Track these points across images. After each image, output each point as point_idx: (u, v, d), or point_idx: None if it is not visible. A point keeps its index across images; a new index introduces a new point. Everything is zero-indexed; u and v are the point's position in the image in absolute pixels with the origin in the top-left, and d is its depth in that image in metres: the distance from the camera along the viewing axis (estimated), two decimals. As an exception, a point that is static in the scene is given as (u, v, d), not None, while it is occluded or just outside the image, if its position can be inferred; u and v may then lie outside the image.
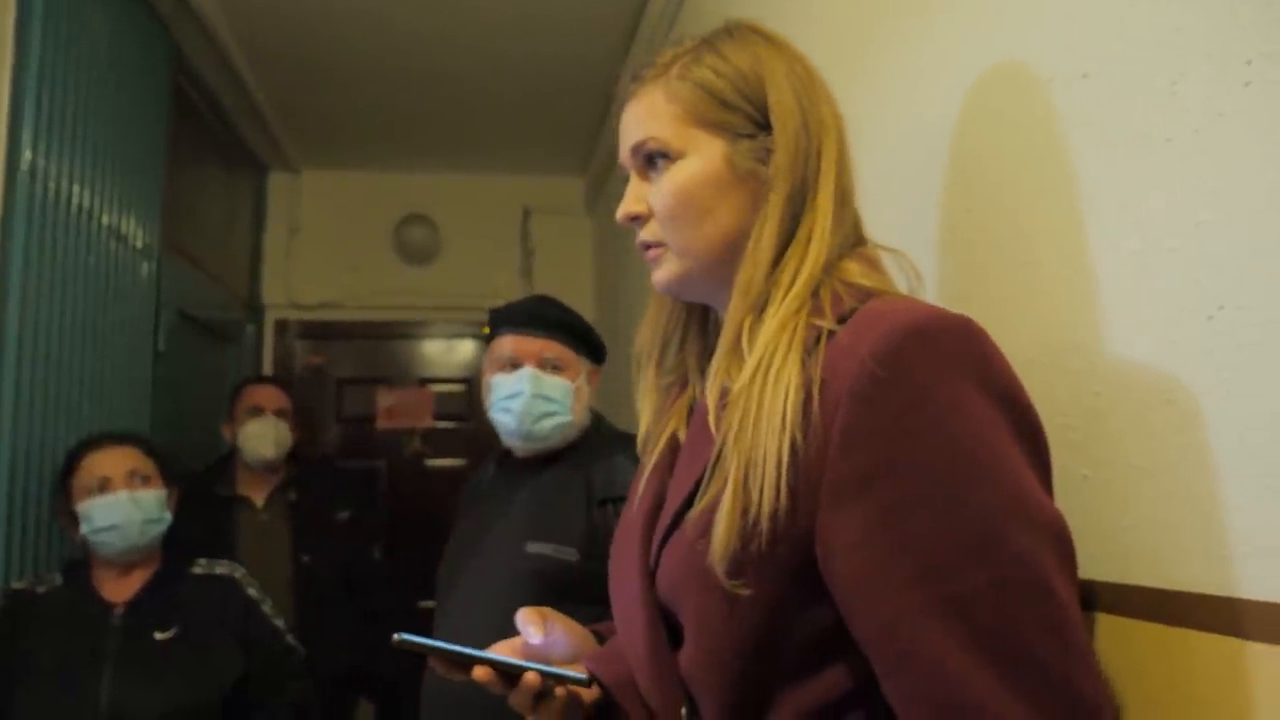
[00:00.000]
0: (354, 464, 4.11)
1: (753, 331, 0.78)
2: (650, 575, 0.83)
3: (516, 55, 3.18)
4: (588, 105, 3.57)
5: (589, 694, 0.88)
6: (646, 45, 2.93)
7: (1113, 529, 0.83)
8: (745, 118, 0.84)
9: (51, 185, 2.08)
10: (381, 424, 4.21)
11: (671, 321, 0.96)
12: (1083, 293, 0.88)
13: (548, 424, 1.67)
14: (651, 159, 0.87)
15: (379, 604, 2.73)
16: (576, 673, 0.86)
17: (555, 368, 1.69)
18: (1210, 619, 0.72)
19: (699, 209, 0.84)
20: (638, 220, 0.88)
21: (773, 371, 0.73)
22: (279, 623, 1.96)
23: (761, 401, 0.73)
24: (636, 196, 0.88)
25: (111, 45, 2.39)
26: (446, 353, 4.35)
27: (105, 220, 2.36)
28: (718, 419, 0.77)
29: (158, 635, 1.78)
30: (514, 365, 1.69)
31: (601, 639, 0.95)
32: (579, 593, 1.47)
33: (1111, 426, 0.83)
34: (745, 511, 0.71)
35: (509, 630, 0.96)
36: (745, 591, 0.72)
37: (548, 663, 0.88)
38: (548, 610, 0.93)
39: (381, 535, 2.87)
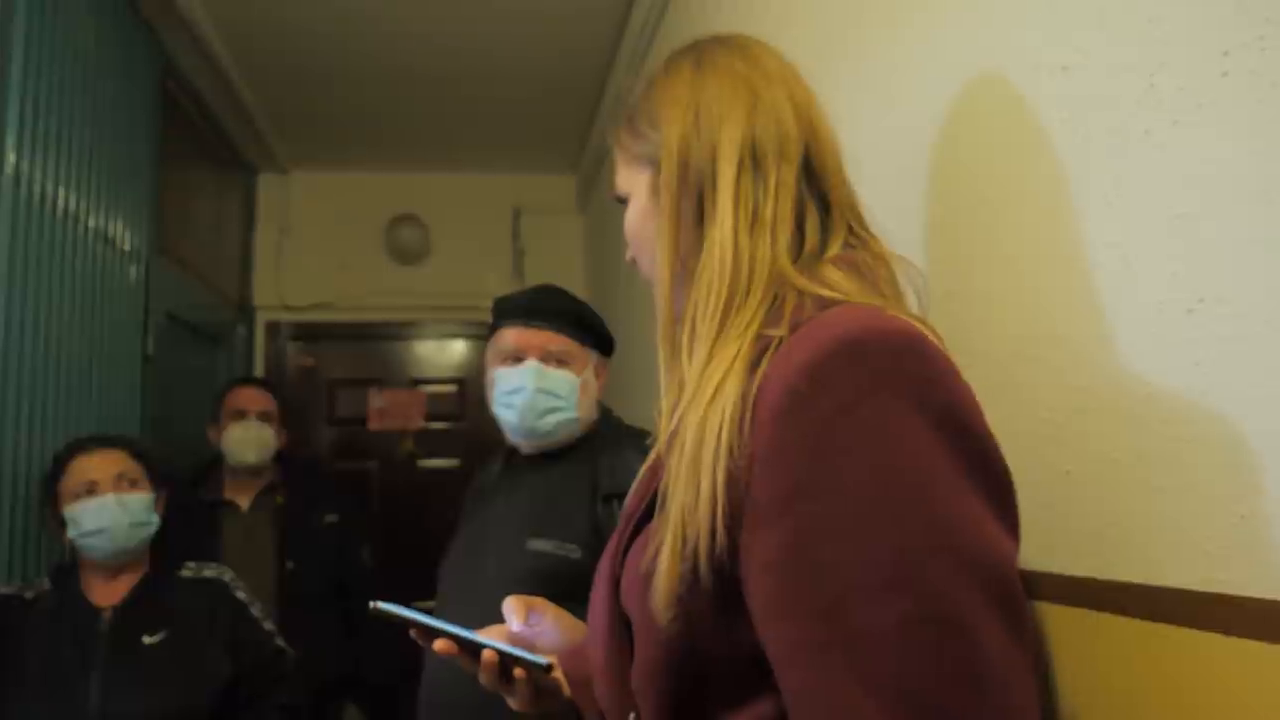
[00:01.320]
0: (346, 465, 4.10)
1: (690, 350, 0.77)
2: (616, 581, 0.81)
3: (506, 55, 3.17)
4: (577, 104, 3.56)
5: (549, 680, 0.90)
6: (634, 45, 2.93)
7: (1096, 524, 0.83)
8: (655, 146, 0.87)
9: (37, 189, 2.07)
10: (373, 425, 4.20)
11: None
12: (1064, 286, 0.87)
13: (552, 420, 1.62)
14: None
15: (369, 607, 2.71)
16: (540, 658, 0.88)
17: (560, 361, 1.64)
18: (1196, 615, 0.71)
19: (641, 243, 0.90)
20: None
21: (713, 387, 0.71)
22: (269, 626, 1.95)
23: (702, 432, 0.69)
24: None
25: (97, 47, 2.38)
26: (438, 353, 4.34)
27: (93, 224, 2.35)
28: (667, 446, 0.75)
29: (146, 639, 1.77)
30: (517, 359, 1.64)
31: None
32: (582, 590, 1.47)
33: (1093, 421, 0.83)
34: (684, 557, 0.68)
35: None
36: (679, 611, 0.69)
37: (533, 651, 0.89)
38: (535, 600, 0.94)
39: (371, 538, 2.85)
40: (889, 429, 0.63)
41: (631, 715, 0.78)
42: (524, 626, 0.92)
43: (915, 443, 0.63)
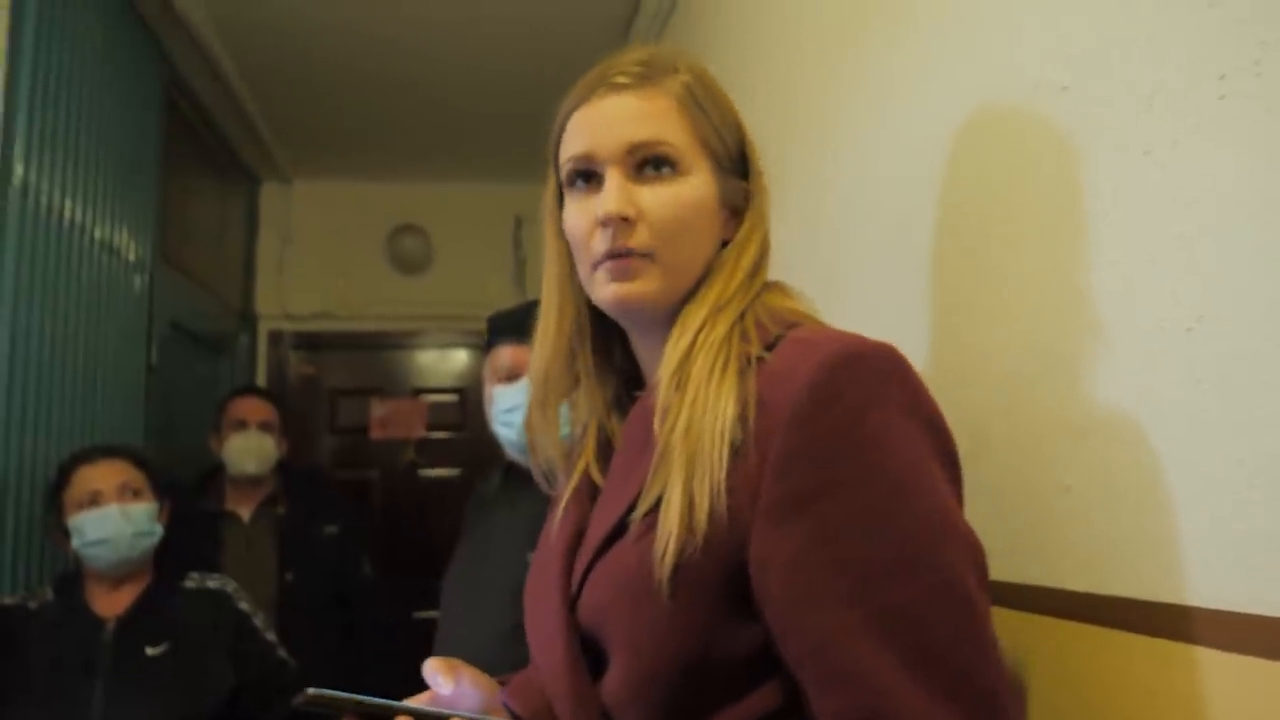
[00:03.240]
0: (347, 475, 4.11)
1: (702, 347, 0.80)
2: (571, 605, 0.81)
3: (507, 66, 3.19)
4: (579, 115, 3.57)
5: None
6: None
7: (1096, 540, 0.83)
8: (727, 152, 0.86)
9: (43, 200, 2.08)
10: (375, 434, 4.21)
11: (576, 351, 0.92)
12: (1064, 304, 0.88)
13: None
14: (652, 163, 0.82)
15: (369, 619, 2.71)
16: (493, 719, 0.85)
17: None
18: (1193, 631, 0.72)
19: (697, 229, 0.83)
20: (626, 223, 0.81)
21: (711, 387, 0.75)
22: (271, 637, 1.96)
23: (705, 410, 0.74)
24: (628, 197, 0.81)
25: (104, 59, 2.40)
26: (440, 363, 4.35)
27: (98, 234, 2.37)
28: (662, 427, 0.77)
29: (149, 650, 1.77)
30: (513, 377, 1.65)
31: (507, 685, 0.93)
32: None
33: (1093, 438, 0.84)
34: (691, 510, 0.71)
35: (510, 642, 0.96)
36: (677, 605, 0.71)
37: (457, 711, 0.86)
38: (456, 661, 0.90)
39: (371, 548, 2.86)
40: (891, 432, 0.70)
41: None
42: (452, 688, 0.86)
43: (912, 444, 0.71)
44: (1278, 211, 0.66)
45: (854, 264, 1.39)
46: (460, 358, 4.33)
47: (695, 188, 0.83)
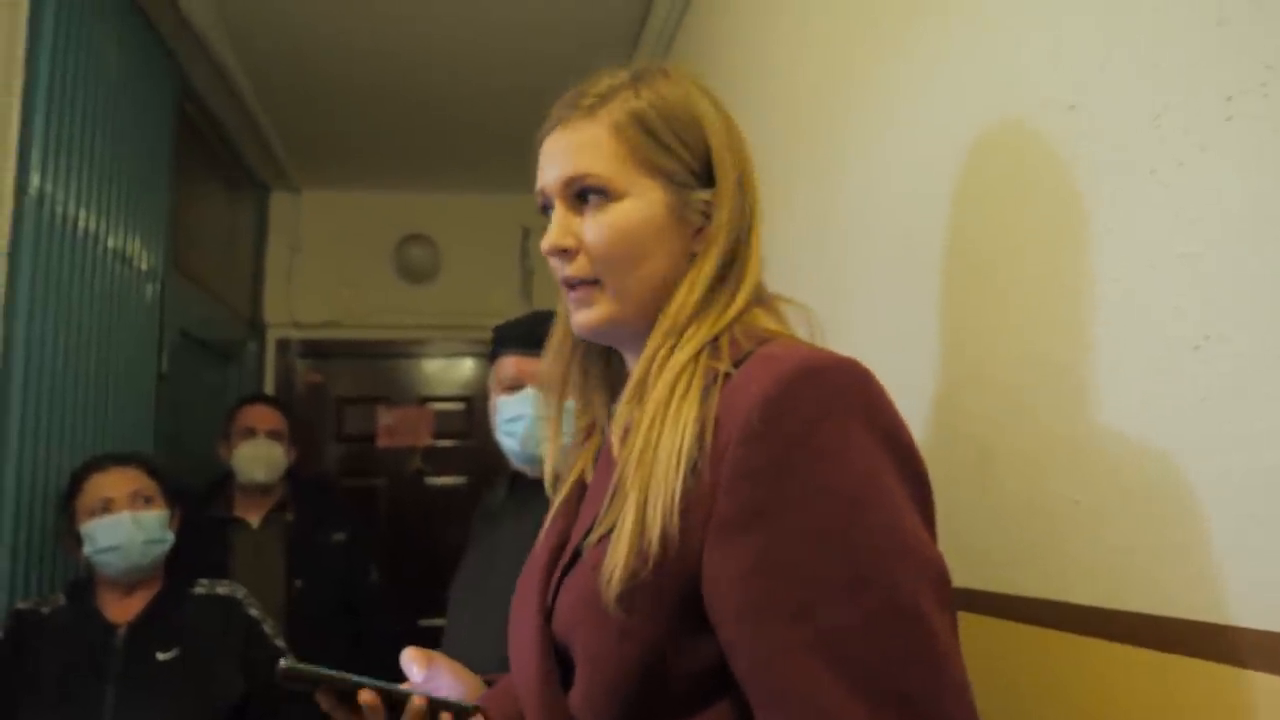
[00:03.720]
0: (354, 482, 4.12)
1: (659, 367, 0.80)
2: (547, 614, 0.82)
3: (515, 79, 3.21)
4: (587, 126, 3.59)
5: None
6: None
7: (1103, 553, 0.84)
8: (684, 165, 0.85)
9: (59, 209, 2.10)
10: (382, 442, 4.22)
11: (574, 361, 0.96)
12: (1072, 319, 0.90)
13: None
14: (583, 194, 0.85)
15: (376, 626, 2.72)
16: (464, 703, 0.87)
17: None
18: (1200, 645, 0.73)
19: (638, 252, 0.84)
20: (565, 255, 0.86)
21: (672, 409, 0.75)
22: (280, 643, 1.97)
23: (660, 436, 0.74)
24: (565, 229, 0.86)
25: (119, 71, 2.42)
26: (446, 371, 4.37)
27: (111, 243, 2.39)
28: (621, 450, 0.78)
29: (160, 656, 1.79)
30: (516, 387, 1.65)
31: (492, 685, 0.94)
32: None
33: (1100, 452, 0.85)
34: (641, 535, 0.71)
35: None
36: (630, 622, 0.72)
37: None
38: (433, 652, 0.93)
39: (378, 556, 2.87)
40: (846, 446, 0.69)
41: None
42: (425, 676, 0.90)
43: (868, 459, 0.70)
44: (1282, 231, 0.67)
45: (860, 277, 1.40)
46: (467, 367, 4.34)
47: (632, 210, 0.84)
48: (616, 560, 0.72)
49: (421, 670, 0.89)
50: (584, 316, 0.87)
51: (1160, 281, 0.79)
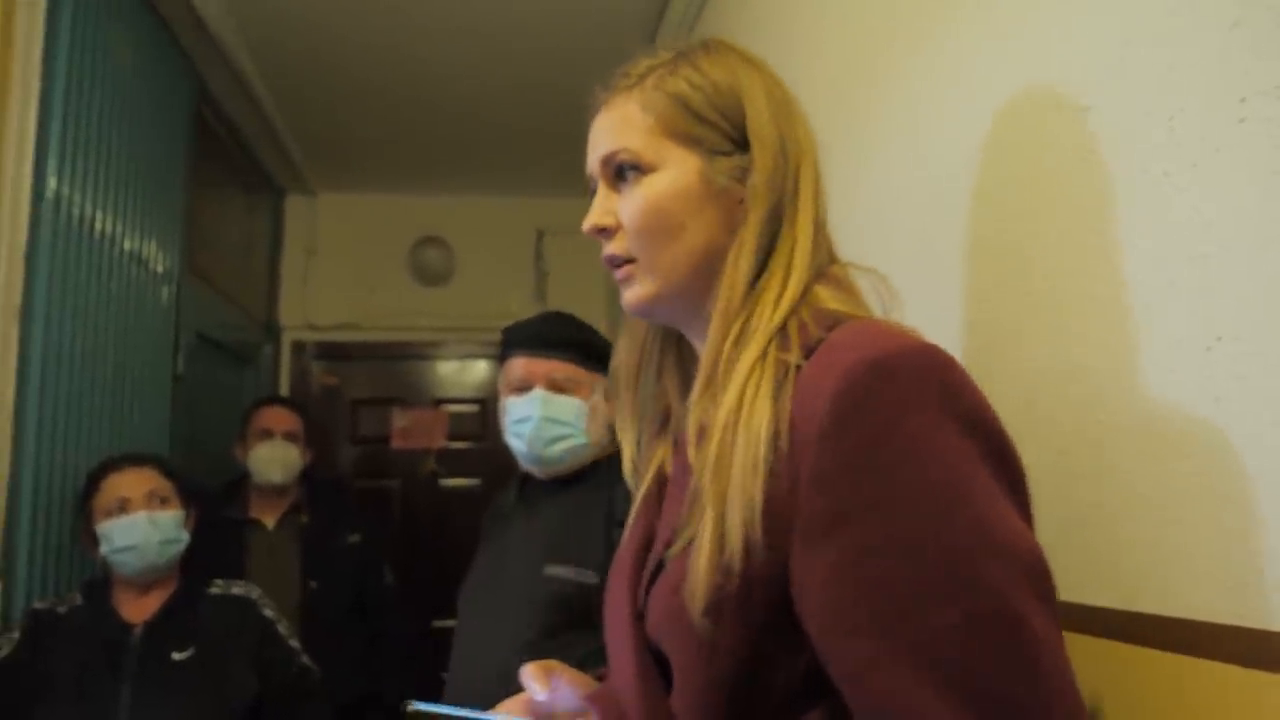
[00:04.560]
0: (368, 484, 4.14)
1: (729, 364, 0.77)
2: (639, 616, 0.81)
3: (530, 82, 3.22)
4: (601, 129, 3.60)
5: None
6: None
7: (1121, 555, 0.84)
8: (721, 134, 0.83)
9: (75, 212, 2.12)
10: (396, 444, 4.24)
11: (648, 346, 0.94)
12: (1085, 321, 0.89)
13: (559, 447, 1.64)
14: (621, 171, 0.85)
15: (389, 627, 2.74)
16: None
17: (567, 389, 1.65)
18: (1220, 648, 0.72)
19: (671, 224, 0.82)
20: (605, 233, 0.86)
21: (744, 410, 0.72)
22: (294, 643, 1.98)
23: (735, 441, 0.71)
24: (605, 209, 0.86)
25: (136, 75, 2.44)
26: (461, 373, 4.38)
27: (127, 245, 2.41)
28: (696, 454, 0.76)
29: (175, 655, 1.80)
30: (524, 387, 1.66)
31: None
32: (599, 616, 1.47)
33: (1115, 454, 0.85)
34: (722, 551, 0.69)
35: (527, 654, 0.96)
36: (720, 635, 0.70)
37: (553, 718, 0.87)
38: (552, 663, 0.90)
39: (392, 557, 2.88)
40: (927, 443, 0.66)
41: None
42: (548, 695, 0.88)
43: (951, 453, 0.66)
44: (1297, 233, 0.67)
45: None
46: (481, 369, 4.35)
47: (664, 181, 0.83)
48: (698, 577, 0.70)
49: (544, 690, 0.87)
50: (629, 295, 0.86)
51: (1173, 283, 0.78)
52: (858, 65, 1.48)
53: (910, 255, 1.27)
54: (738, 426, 0.72)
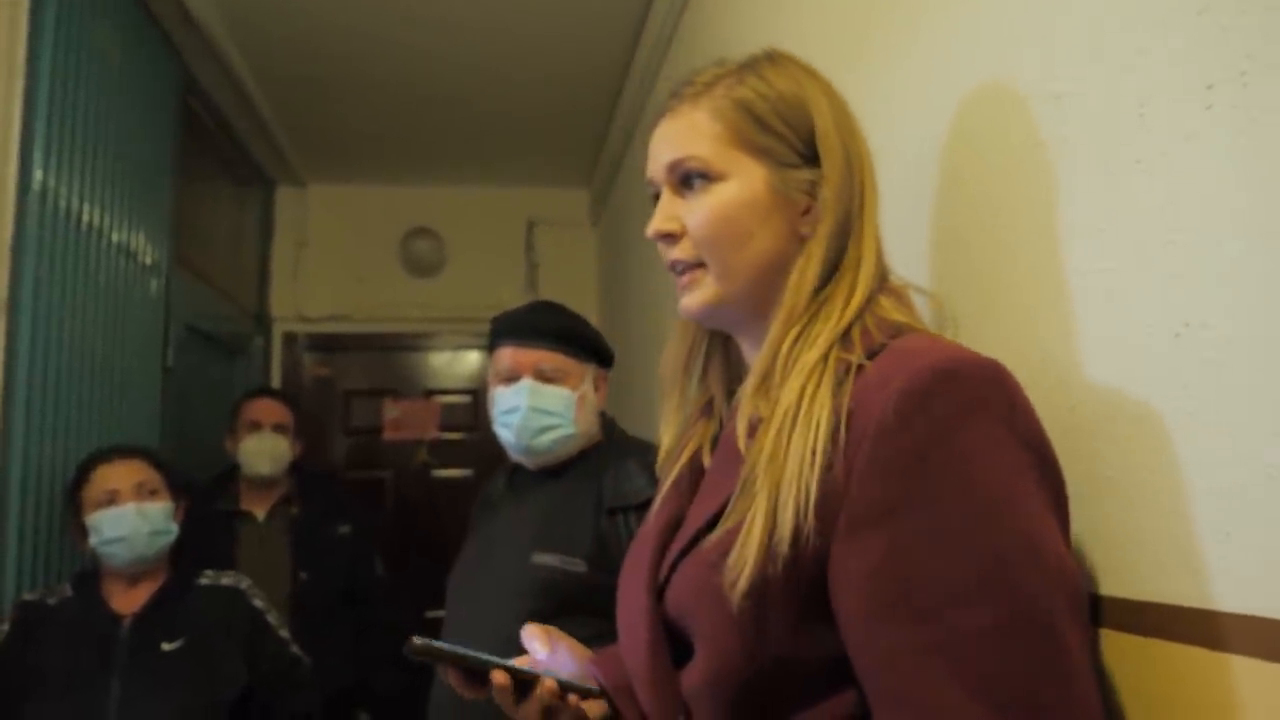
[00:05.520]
0: (360, 475, 4.15)
1: (790, 361, 0.79)
2: (658, 591, 0.83)
3: (519, 71, 3.22)
4: (591, 118, 3.61)
5: (597, 708, 0.89)
6: (646, 62, 2.97)
7: (1087, 541, 0.85)
8: (787, 145, 0.85)
9: (62, 204, 2.12)
10: (388, 435, 4.25)
11: (695, 349, 0.97)
12: (1055, 308, 0.90)
13: (547, 438, 1.64)
14: (688, 178, 0.87)
15: (380, 618, 2.75)
16: (589, 685, 0.88)
17: (555, 378, 1.65)
18: (1185, 630, 0.74)
19: (739, 233, 0.84)
20: (670, 239, 0.88)
21: (804, 403, 0.74)
22: (284, 633, 1.99)
23: (794, 431, 0.73)
24: (669, 214, 0.87)
25: (122, 66, 2.44)
26: (452, 364, 4.38)
27: (115, 238, 2.40)
28: (747, 445, 0.78)
29: (165, 646, 1.80)
30: (512, 378, 1.66)
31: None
32: (587, 604, 1.46)
33: (1086, 441, 0.85)
34: (771, 534, 0.71)
35: (515, 642, 0.97)
36: (757, 617, 0.72)
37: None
38: (553, 629, 0.93)
39: (385, 547, 2.89)
40: (984, 451, 0.69)
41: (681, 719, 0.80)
42: (548, 655, 0.91)
43: (1007, 464, 0.69)
44: (1263, 220, 0.67)
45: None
46: (472, 359, 4.36)
47: (732, 190, 0.85)
48: (746, 559, 0.72)
49: (544, 648, 0.90)
50: (690, 299, 0.87)
51: (1143, 269, 0.79)
52: (836, 60, 1.48)
53: (886, 242, 1.28)
54: (797, 418, 0.74)
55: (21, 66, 1.98)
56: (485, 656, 0.86)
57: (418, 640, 0.84)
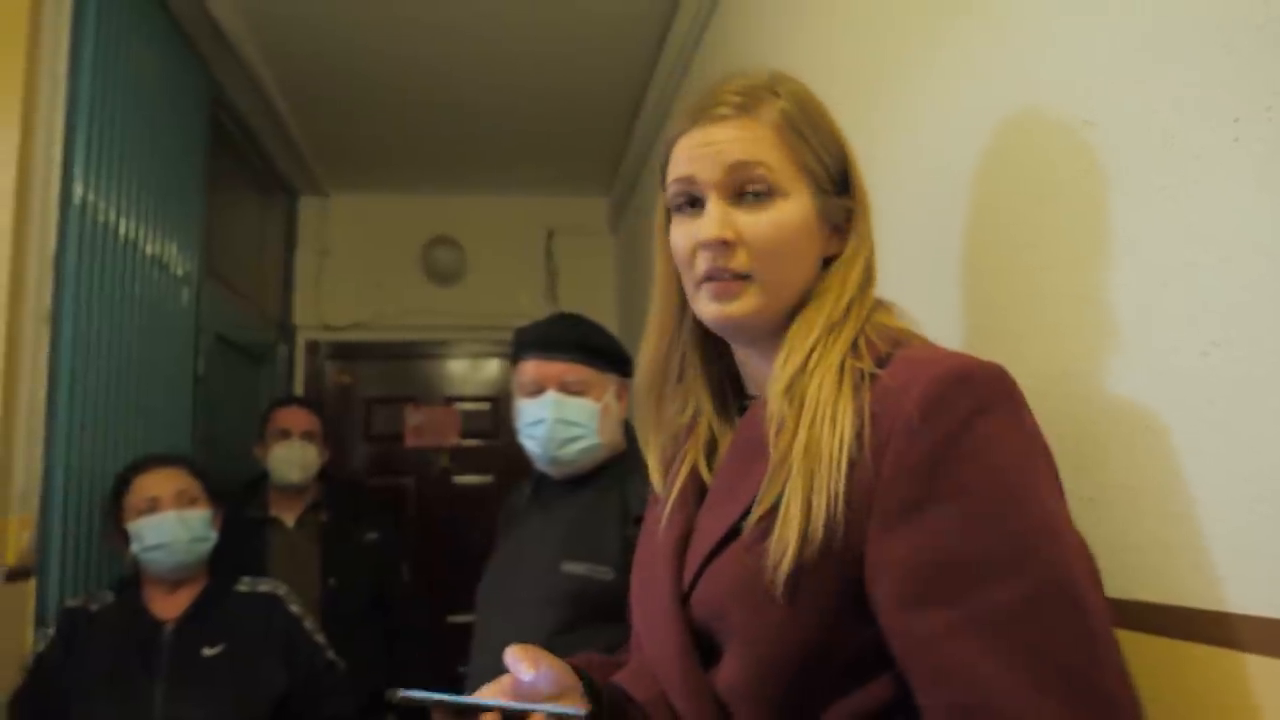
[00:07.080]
0: (382, 481, 4.19)
1: (812, 369, 0.83)
2: (683, 599, 0.86)
3: (540, 82, 3.26)
4: (610, 127, 3.65)
5: None
6: (668, 72, 3.00)
7: (1117, 547, 0.88)
8: (826, 172, 0.89)
9: (101, 218, 2.17)
10: (410, 442, 4.29)
11: (674, 354, 0.99)
12: (1084, 326, 0.93)
13: (573, 449, 1.67)
14: (744, 188, 0.87)
15: (408, 623, 2.78)
16: (576, 709, 0.89)
17: (578, 390, 1.68)
18: (1206, 632, 0.77)
19: (796, 252, 0.88)
20: (725, 246, 0.86)
21: (831, 403, 0.79)
22: (320, 639, 2.03)
23: (824, 427, 0.78)
24: (725, 222, 0.86)
25: (155, 81, 2.49)
26: (473, 371, 4.43)
27: (149, 250, 2.46)
28: (775, 440, 0.82)
29: (206, 651, 1.85)
30: (537, 390, 1.69)
31: (581, 672, 0.93)
32: (616, 611, 1.49)
33: (1111, 452, 0.89)
34: (808, 520, 0.76)
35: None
36: (795, 609, 0.76)
37: (535, 698, 0.88)
38: (536, 649, 0.92)
39: (408, 553, 2.93)
40: (999, 440, 0.75)
41: None
42: (533, 675, 0.88)
43: (1020, 451, 0.75)
44: (1286, 246, 0.71)
45: (883, 284, 1.43)
46: (493, 367, 4.40)
47: (793, 210, 0.87)
48: (788, 540, 0.76)
49: (530, 669, 0.88)
50: (729, 308, 0.87)
51: (1170, 291, 0.82)
52: (864, 78, 1.52)
53: (911, 263, 1.31)
54: (827, 416, 0.79)
55: (63, 85, 2.03)
56: (468, 699, 0.86)
57: (398, 693, 0.84)
